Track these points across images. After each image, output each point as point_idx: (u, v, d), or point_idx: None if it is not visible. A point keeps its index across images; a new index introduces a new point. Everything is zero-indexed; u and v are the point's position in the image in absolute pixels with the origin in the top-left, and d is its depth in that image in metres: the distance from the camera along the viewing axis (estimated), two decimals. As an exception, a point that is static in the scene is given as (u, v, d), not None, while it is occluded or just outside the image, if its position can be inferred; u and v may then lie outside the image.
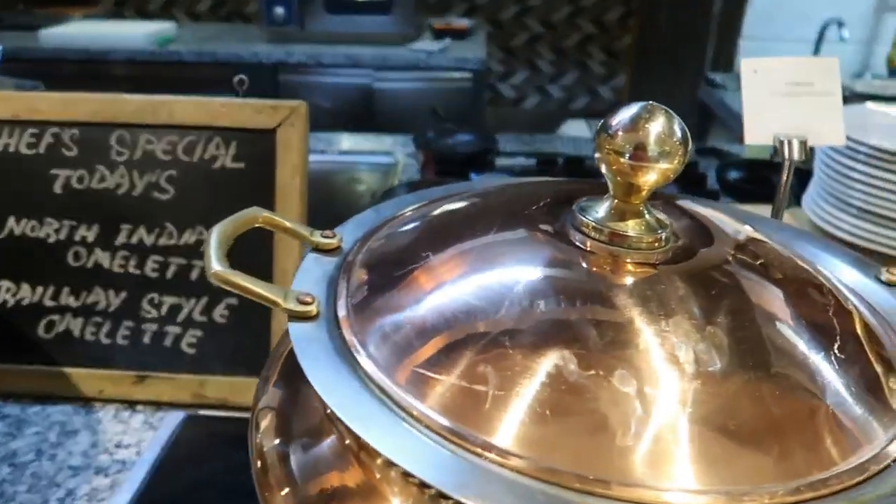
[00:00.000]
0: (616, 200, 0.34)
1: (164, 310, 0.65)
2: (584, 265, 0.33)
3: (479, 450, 0.25)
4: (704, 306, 0.31)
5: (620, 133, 0.33)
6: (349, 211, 0.44)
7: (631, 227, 0.34)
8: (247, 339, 0.65)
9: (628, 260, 0.33)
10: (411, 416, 0.27)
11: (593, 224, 0.34)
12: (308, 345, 0.30)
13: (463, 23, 2.37)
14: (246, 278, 0.32)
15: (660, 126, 0.33)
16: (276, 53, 2.12)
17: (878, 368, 0.33)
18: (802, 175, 0.92)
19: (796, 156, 0.59)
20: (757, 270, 0.36)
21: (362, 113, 2.01)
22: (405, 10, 2.14)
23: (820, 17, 1.93)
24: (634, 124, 0.33)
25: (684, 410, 0.27)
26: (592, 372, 0.27)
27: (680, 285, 0.32)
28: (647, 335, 0.29)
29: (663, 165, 0.33)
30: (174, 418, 0.63)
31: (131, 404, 0.65)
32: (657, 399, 0.27)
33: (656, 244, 0.34)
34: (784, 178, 0.61)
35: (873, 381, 0.32)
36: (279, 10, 2.16)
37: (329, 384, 0.28)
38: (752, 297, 0.34)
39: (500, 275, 0.33)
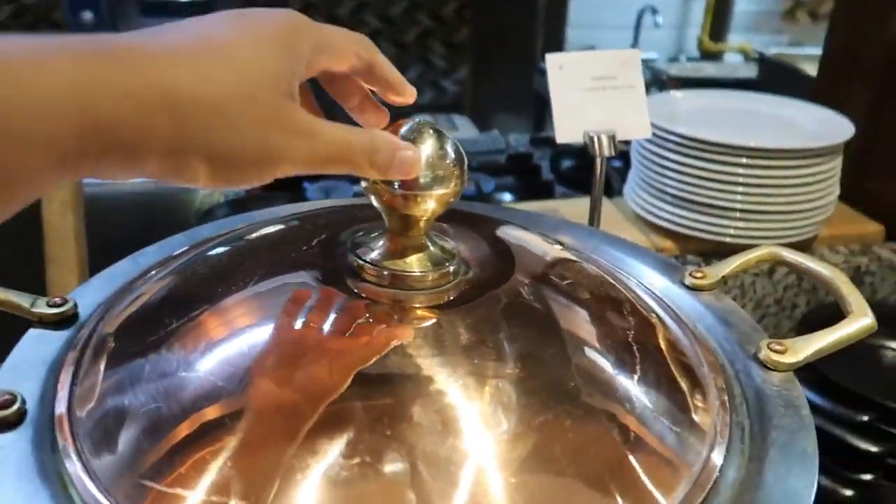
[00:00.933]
0: (393, 234, 0.30)
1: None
2: (361, 318, 0.28)
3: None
4: (500, 349, 0.28)
5: None
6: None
7: (413, 264, 0.30)
8: None
9: (413, 304, 0.29)
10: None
11: (370, 266, 0.30)
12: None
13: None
14: None
15: (429, 148, 0.29)
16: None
17: (684, 385, 0.31)
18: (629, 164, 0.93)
19: (606, 151, 0.58)
20: (555, 293, 0.34)
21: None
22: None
23: (637, 4, 2.02)
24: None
25: (492, 476, 0.23)
26: (359, 460, 0.23)
27: (472, 329, 0.28)
28: (434, 398, 0.25)
29: (439, 192, 0.29)
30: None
31: None
32: (456, 476, 0.23)
33: (443, 281, 0.30)
34: (597, 174, 0.60)
35: (680, 401, 0.30)
36: (87, 15, 1.96)
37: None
38: (551, 328, 0.31)
39: (255, 344, 0.27)
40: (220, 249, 0.34)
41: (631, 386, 0.29)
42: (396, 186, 0.28)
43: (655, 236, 0.76)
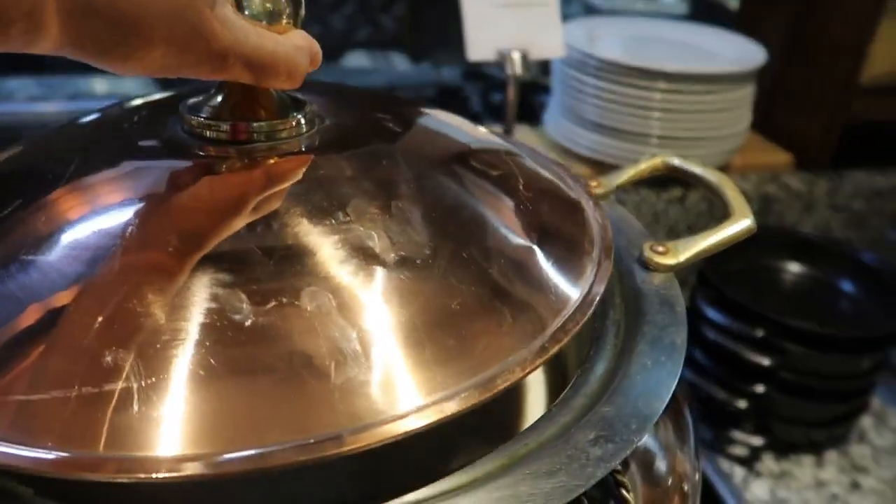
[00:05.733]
0: (230, 87, 0.27)
1: None
2: (210, 177, 0.26)
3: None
4: (376, 186, 0.26)
5: None
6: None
7: (257, 113, 0.27)
8: None
9: (265, 156, 0.26)
10: None
11: (207, 122, 0.27)
12: None
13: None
14: None
15: None
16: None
17: (567, 220, 0.30)
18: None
19: (518, 69, 0.57)
20: (428, 143, 0.32)
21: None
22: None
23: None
24: None
25: (396, 311, 0.23)
26: (273, 303, 0.22)
27: (343, 167, 0.27)
28: (325, 234, 0.24)
29: (270, 27, 0.26)
30: None
31: None
32: (363, 307, 0.22)
33: (296, 128, 0.28)
34: (510, 93, 0.59)
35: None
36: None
37: None
38: (425, 171, 0.29)
39: (100, 224, 0.24)
40: (54, 131, 0.32)
41: (517, 225, 0.28)
42: None
43: (574, 163, 0.76)
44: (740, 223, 0.35)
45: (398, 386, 0.21)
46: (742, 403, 0.58)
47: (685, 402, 0.38)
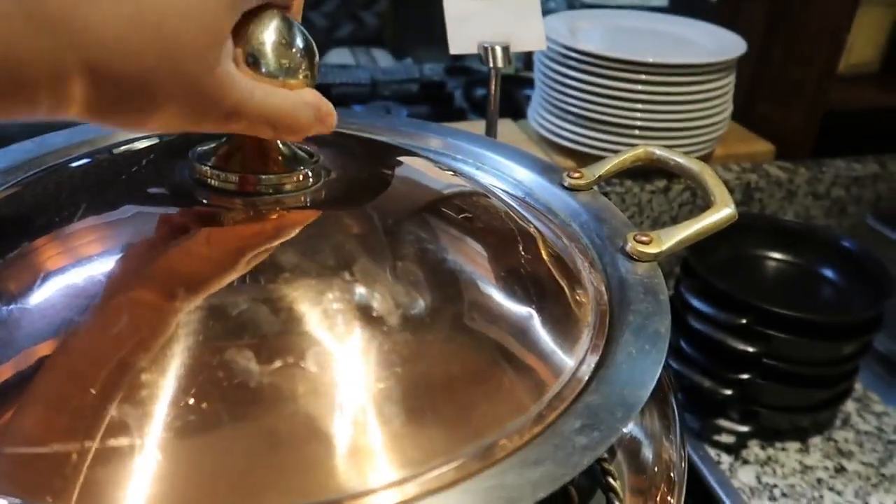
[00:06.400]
0: (240, 138, 0.28)
1: None
2: (217, 229, 0.26)
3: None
4: (381, 244, 0.26)
5: None
6: None
7: (266, 166, 0.28)
8: None
9: (272, 209, 0.27)
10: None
11: (215, 171, 0.27)
12: None
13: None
14: None
15: (275, 34, 0.26)
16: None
17: (564, 288, 0.31)
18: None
19: (500, 63, 0.57)
20: (430, 201, 0.33)
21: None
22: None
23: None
24: (242, 34, 0.26)
25: (398, 374, 0.23)
26: (278, 363, 0.21)
27: (348, 224, 0.27)
28: (329, 293, 0.24)
29: (286, 82, 0.26)
30: None
31: None
32: (367, 370, 0.22)
33: (303, 182, 0.28)
34: (492, 87, 0.59)
35: (560, 302, 0.30)
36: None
37: None
38: (427, 231, 0.29)
39: (105, 267, 0.24)
40: (62, 171, 0.32)
41: (513, 296, 0.28)
42: None
43: (557, 156, 0.76)
44: (722, 212, 0.35)
45: (398, 452, 0.21)
46: (728, 391, 0.58)
47: (670, 391, 0.38)
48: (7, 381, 0.21)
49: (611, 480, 0.27)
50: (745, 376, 0.58)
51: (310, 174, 0.29)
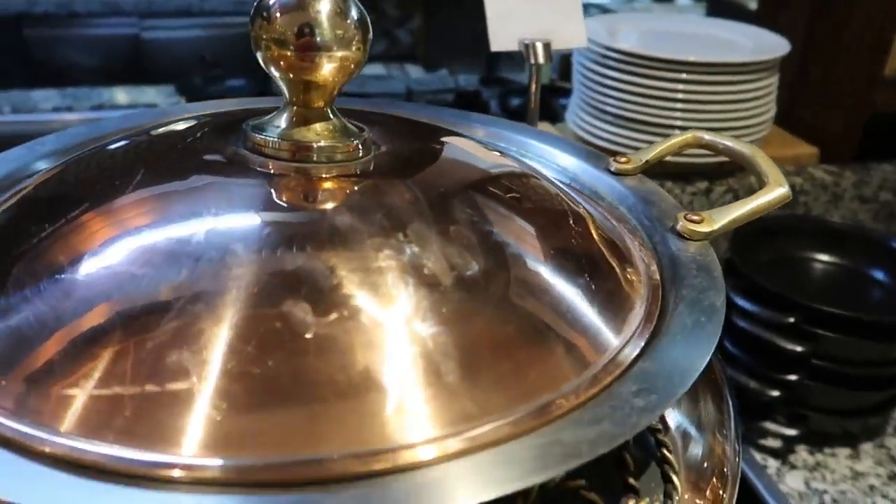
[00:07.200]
0: (294, 107, 0.28)
1: None
2: (274, 192, 0.27)
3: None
4: (433, 211, 0.27)
5: (280, 15, 0.27)
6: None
7: (319, 136, 0.28)
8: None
9: (326, 175, 0.27)
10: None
11: (271, 140, 0.28)
12: None
13: (239, -37, 2.19)
14: None
15: (329, 4, 0.27)
16: (16, 3, 1.82)
17: (614, 264, 0.31)
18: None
19: (541, 59, 0.57)
20: (479, 178, 0.33)
21: (130, 68, 1.79)
22: (169, -52, 1.92)
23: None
24: (297, 2, 0.27)
25: (454, 332, 0.22)
26: (334, 315, 0.21)
27: (401, 190, 0.27)
28: (385, 253, 0.24)
29: (340, 53, 0.27)
30: None
31: None
32: (422, 326, 0.22)
33: (354, 153, 0.28)
34: (532, 83, 0.59)
35: (609, 278, 0.30)
36: None
37: None
38: (479, 200, 0.30)
39: (169, 231, 0.25)
40: (120, 144, 0.32)
41: (562, 269, 0.28)
42: (293, 47, 0.27)
43: (596, 158, 0.76)
44: (775, 191, 0.34)
45: (455, 406, 0.21)
46: (776, 392, 0.57)
47: (724, 385, 0.37)
48: (90, 331, 0.22)
49: (666, 452, 0.26)
50: (793, 377, 0.57)
51: (360, 146, 0.29)
